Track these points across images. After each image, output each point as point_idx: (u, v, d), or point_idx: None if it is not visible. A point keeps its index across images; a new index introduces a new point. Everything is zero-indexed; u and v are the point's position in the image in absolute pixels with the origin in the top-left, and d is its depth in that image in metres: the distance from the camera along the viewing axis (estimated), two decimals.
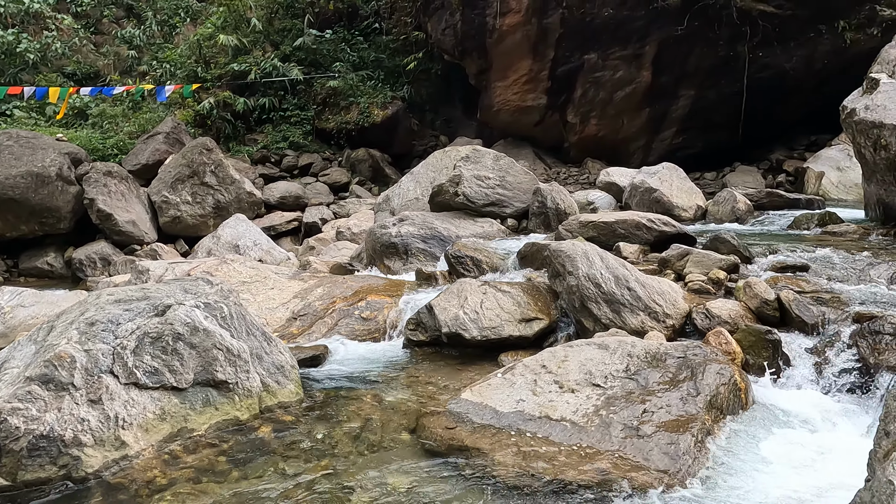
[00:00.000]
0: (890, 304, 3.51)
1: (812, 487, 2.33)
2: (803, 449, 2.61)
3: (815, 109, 12.85)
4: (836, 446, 2.52)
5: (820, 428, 2.75)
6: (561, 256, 3.87)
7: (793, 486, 2.34)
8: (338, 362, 3.68)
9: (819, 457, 2.54)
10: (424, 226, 6.72)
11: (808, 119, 13.68)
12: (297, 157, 15.02)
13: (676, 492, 2.29)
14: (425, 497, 2.29)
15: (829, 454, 2.52)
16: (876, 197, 6.33)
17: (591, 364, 3.02)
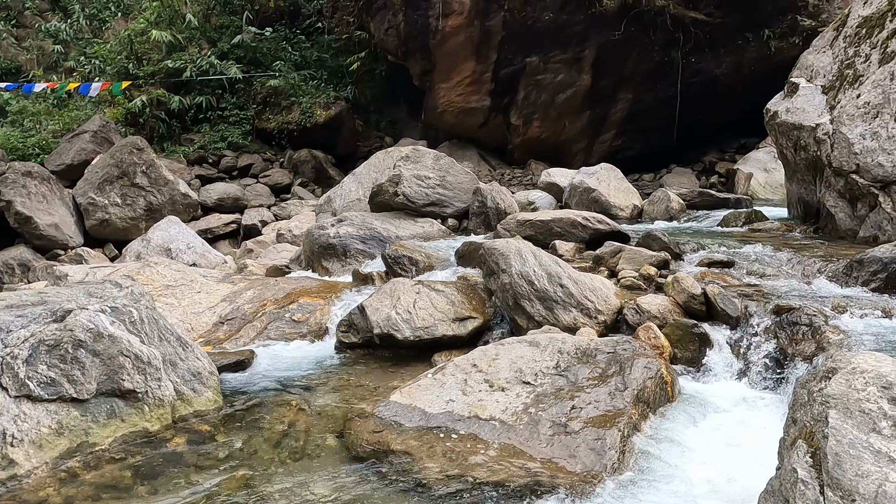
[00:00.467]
0: (807, 297, 3.65)
1: (734, 475, 2.36)
2: (726, 438, 2.66)
3: (744, 113, 13.45)
4: (758, 435, 2.57)
5: (742, 418, 2.80)
6: (494, 254, 3.84)
7: (715, 475, 2.37)
8: (264, 367, 3.53)
9: (741, 445, 2.58)
10: (363, 226, 6.60)
11: (739, 123, 14.32)
12: (236, 158, 14.57)
13: (602, 487, 2.27)
14: (341, 496, 2.19)
15: (750, 443, 2.57)
16: (797, 196, 6.63)
17: (521, 362, 2.99)
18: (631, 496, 2.24)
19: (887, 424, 1.32)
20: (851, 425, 1.33)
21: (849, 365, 1.48)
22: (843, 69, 6.17)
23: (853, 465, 1.24)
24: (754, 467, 2.33)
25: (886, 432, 1.30)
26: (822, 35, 6.95)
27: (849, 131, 5.45)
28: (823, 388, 1.45)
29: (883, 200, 5.07)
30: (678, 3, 12.73)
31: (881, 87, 5.41)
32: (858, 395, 1.38)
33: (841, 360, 1.51)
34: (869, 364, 1.46)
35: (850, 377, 1.44)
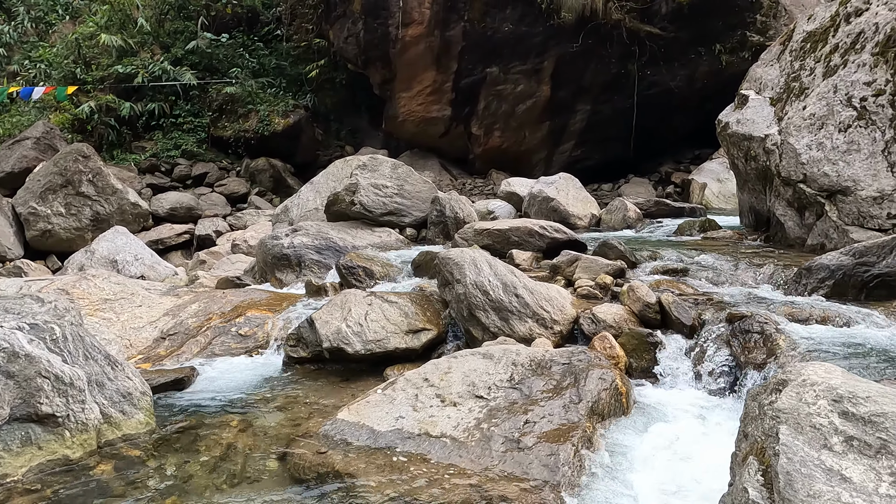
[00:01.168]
0: (759, 305, 3.67)
1: (688, 488, 2.31)
2: (681, 449, 2.61)
3: (698, 125, 13.80)
4: (712, 445, 2.53)
5: (697, 427, 2.77)
6: (449, 264, 3.75)
7: (670, 486, 2.31)
8: (206, 385, 3.34)
9: (695, 456, 2.53)
10: (319, 236, 6.43)
11: (693, 134, 14.68)
12: (190, 167, 14.16)
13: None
14: None
15: (704, 453, 2.52)
16: (748, 205, 6.77)
17: (474, 375, 2.89)
18: None
19: (839, 440, 1.27)
20: (802, 442, 1.27)
21: (799, 377, 1.43)
22: (789, 82, 6.35)
23: (805, 486, 1.19)
24: (709, 479, 2.29)
25: (838, 448, 1.26)
26: (770, 49, 7.16)
27: (796, 142, 5.59)
28: (774, 402, 1.40)
29: (829, 209, 5.20)
30: (634, 17, 13.00)
31: (825, 100, 5.57)
32: (809, 409, 1.33)
33: (791, 372, 1.47)
34: (819, 376, 1.42)
35: (800, 390, 1.40)
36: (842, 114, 5.34)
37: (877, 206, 4.83)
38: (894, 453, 1.18)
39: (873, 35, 5.41)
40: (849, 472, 1.21)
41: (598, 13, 12.82)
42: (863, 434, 1.24)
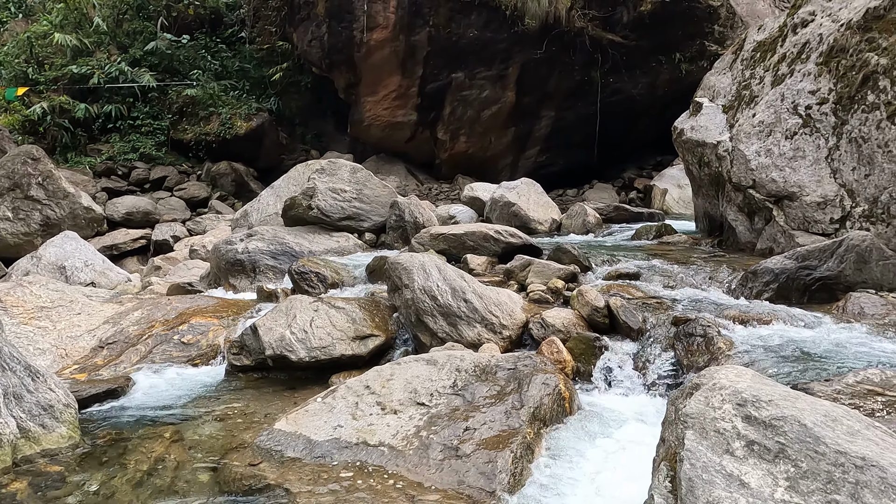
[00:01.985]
0: (705, 308, 3.71)
1: (627, 491, 2.29)
2: (624, 452, 2.60)
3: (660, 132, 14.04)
4: (654, 449, 2.52)
5: (640, 431, 2.76)
6: (398, 269, 3.70)
7: (612, 490, 2.30)
8: (142, 395, 3.21)
9: (637, 461, 2.53)
10: (274, 241, 6.31)
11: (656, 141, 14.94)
12: (148, 170, 13.81)
13: None
14: None
15: (647, 456, 2.52)
16: (703, 210, 6.89)
17: (417, 381, 2.84)
18: None
19: (740, 445, 1.26)
20: (706, 447, 1.26)
21: (710, 381, 1.43)
22: (740, 90, 6.50)
23: (705, 492, 1.17)
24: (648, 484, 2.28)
25: (739, 453, 1.25)
26: (723, 58, 7.32)
27: (746, 148, 5.71)
28: (683, 407, 1.38)
29: (777, 214, 5.31)
30: (596, 25, 13.18)
31: (773, 107, 5.71)
32: (714, 413, 1.32)
33: (705, 376, 1.46)
34: (728, 379, 1.41)
35: (708, 395, 1.39)
36: (788, 121, 5.48)
37: (820, 212, 4.95)
38: (791, 458, 1.18)
39: (818, 45, 5.57)
40: (747, 477, 1.20)
41: (562, 20, 12.97)
42: (763, 438, 1.24)
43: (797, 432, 1.19)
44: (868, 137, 4.74)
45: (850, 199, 4.79)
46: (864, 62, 4.96)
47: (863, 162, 4.75)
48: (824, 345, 3.11)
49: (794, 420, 1.23)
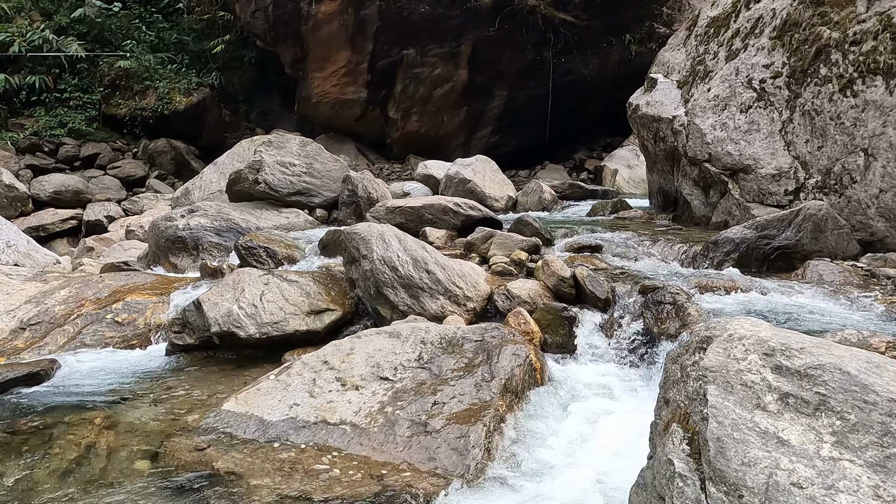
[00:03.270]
0: (670, 278, 3.65)
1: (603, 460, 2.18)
2: (596, 422, 2.50)
3: (610, 113, 14.18)
4: (629, 417, 2.43)
5: (612, 400, 2.67)
6: (355, 239, 3.47)
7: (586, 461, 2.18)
8: (69, 379, 2.88)
9: (611, 431, 2.42)
10: (219, 217, 5.93)
11: (606, 122, 15.08)
12: (78, 147, 12.89)
13: (465, 490, 1.99)
14: None
15: (621, 425, 2.42)
16: (657, 186, 6.92)
17: (380, 355, 2.64)
18: (496, 499, 1.98)
19: (773, 398, 1.14)
20: (734, 402, 1.14)
21: (725, 332, 1.30)
22: (695, 65, 6.52)
23: (738, 452, 1.05)
24: (626, 454, 2.17)
25: (773, 408, 1.12)
26: (677, 34, 7.34)
27: (701, 122, 5.72)
28: (699, 361, 1.25)
29: (732, 187, 5.35)
30: (548, 4, 13.10)
31: (728, 82, 5.73)
32: (739, 365, 1.20)
33: (716, 328, 1.34)
34: (747, 329, 1.29)
35: (727, 346, 1.26)
36: (743, 95, 5.51)
37: (775, 184, 5.01)
38: (835, 410, 1.06)
39: (771, 20, 5.61)
40: (786, 433, 1.08)
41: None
42: (799, 390, 1.12)
43: (840, 381, 1.07)
44: (821, 110, 4.80)
45: (803, 170, 4.85)
46: (816, 36, 5.02)
47: (816, 134, 4.81)
48: (791, 310, 3.10)
49: (833, 368, 1.11)
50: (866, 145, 4.40)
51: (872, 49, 4.53)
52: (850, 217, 4.38)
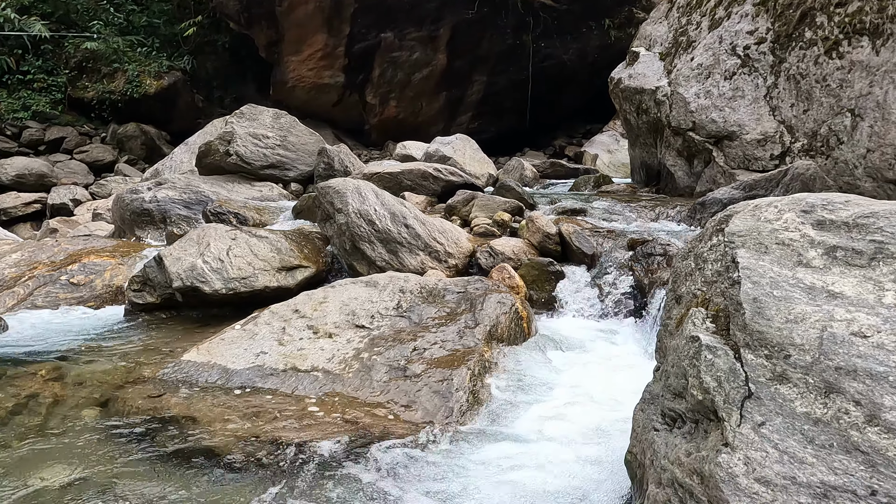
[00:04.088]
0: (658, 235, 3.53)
1: (596, 403, 2.04)
2: (587, 371, 2.35)
3: (589, 100, 14.12)
4: (619, 365, 2.29)
5: (600, 349, 2.53)
6: (329, 193, 3.27)
7: (577, 406, 2.03)
8: (14, 338, 2.65)
9: (602, 376, 2.28)
10: (188, 189, 5.66)
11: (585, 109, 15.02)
12: (43, 130, 12.39)
13: (448, 433, 1.82)
14: (92, 491, 1.52)
15: (612, 373, 2.28)
16: (640, 160, 6.83)
17: (355, 304, 2.46)
18: (482, 441, 1.81)
19: (817, 253, 1.00)
20: (770, 262, 0.99)
21: (748, 205, 1.15)
22: (677, 36, 6.42)
23: (781, 310, 0.90)
24: (620, 397, 2.03)
25: (818, 263, 0.98)
26: (658, 7, 7.25)
27: (685, 91, 5.63)
28: (723, 230, 1.10)
29: (716, 154, 5.26)
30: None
31: (712, 50, 5.64)
32: (773, 225, 1.05)
33: (737, 207, 1.18)
34: (773, 198, 1.14)
35: (756, 211, 1.11)
36: (727, 62, 5.43)
37: (760, 149, 4.93)
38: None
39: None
40: (838, 286, 0.93)
41: None
42: (849, 241, 0.98)
43: None
44: (806, 73, 4.73)
45: (789, 134, 4.77)
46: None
47: (801, 98, 4.74)
48: None
49: (888, 214, 0.97)
50: (853, 106, 4.33)
51: (858, 10, 4.47)
52: (838, 178, 4.31)
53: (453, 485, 1.52)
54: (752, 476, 0.79)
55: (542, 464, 1.57)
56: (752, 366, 0.90)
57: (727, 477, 0.81)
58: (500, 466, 1.61)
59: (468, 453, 1.70)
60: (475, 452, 1.70)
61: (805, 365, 0.87)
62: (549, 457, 1.61)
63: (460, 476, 1.56)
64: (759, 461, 0.80)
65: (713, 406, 0.90)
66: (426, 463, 1.62)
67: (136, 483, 1.53)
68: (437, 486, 1.51)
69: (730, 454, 0.81)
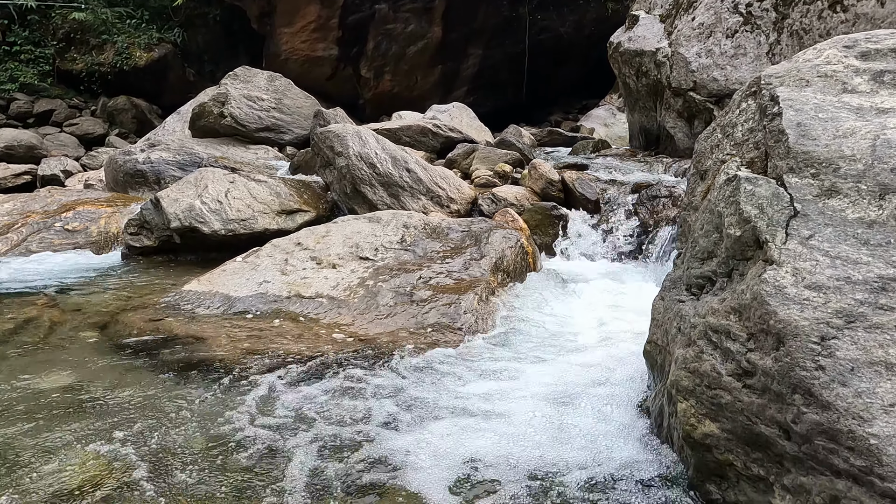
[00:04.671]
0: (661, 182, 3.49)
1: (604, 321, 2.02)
2: (594, 297, 2.34)
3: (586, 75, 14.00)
4: (625, 291, 2.27)
5: (605, 286, 2.50)
6: (329, 138, 3.21)
7: (586, 321, 2.02)
8: (7, 276, 2.59)
9: (609, 300, 2.27)
10: (182, 151, 5.57)
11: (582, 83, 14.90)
12: (31, 103, 12.18)
13: (456, 350, 1.79)
14: (92, 394, 1.48)
15: (617, 297, 2.26)
16: (639, 125, 6.77)
17: (358, 237, 2.42)
18: (488, 360, 1.79)
19: (863, 80, 0.96)
20: (813, 91, 0.96)
21: (777, 68, 1.10)
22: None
23: (828, 129, 0.87)
24: (625, 315, 2.01)
25: (864, 88, 0.95)
26: None
27: (686, 51, 5.56)
28: (754, 92, 1.05)
29: (718, 114, 5.21)
30: None
31: (713, 9, 5.57)
32: (813, 62, 1.02)
33: (764, 70, 1.14)
34: (810, 52, 1.11)
35: (794, 60, 1.08)
36: (729, 20, 5.36)
37: None
38: None
39: None
40: (887, 104, 0.90)
41: None
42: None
43: None
44: (809, 28, 4.67)
45: None
46: None
47: None
48: None
49: None
50: None
51: None
52: None
53: (484, 377, 1.49)
54: (801, 284, 0.76)
55: (556, 360, 1.55)
56: (796, 187, 0.87)
57: (774, 290, 0.78)
58: (520, 361, 1.59)
59: (485, 358, 1.67)
60: (491, 358, 1.67)
61: (857, 173, 0.84)
62: (564, 355, 1.59)
63: (481, 375, 1.54)
64: (808, 270, 0.77)
65: (754, 234, 0.87)
66: (453, 363, 1.59)
67: (135, 389, 1.50)
68: (466, 377, 1.48)
69: (776, 269, 0.79)
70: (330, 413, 1.36)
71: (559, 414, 1.30)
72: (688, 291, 1.06)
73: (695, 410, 0.89)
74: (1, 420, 1.33)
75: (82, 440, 1.24)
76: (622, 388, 1.36)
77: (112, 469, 1.14)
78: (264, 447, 1.22)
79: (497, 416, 1.33)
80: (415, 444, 1.21)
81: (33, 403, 1.41)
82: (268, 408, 1.39)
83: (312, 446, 1.23)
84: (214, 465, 1.16)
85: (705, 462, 0.91)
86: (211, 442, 1.24)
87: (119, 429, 1.28)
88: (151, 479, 1.11)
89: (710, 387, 0.87)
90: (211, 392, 1.47)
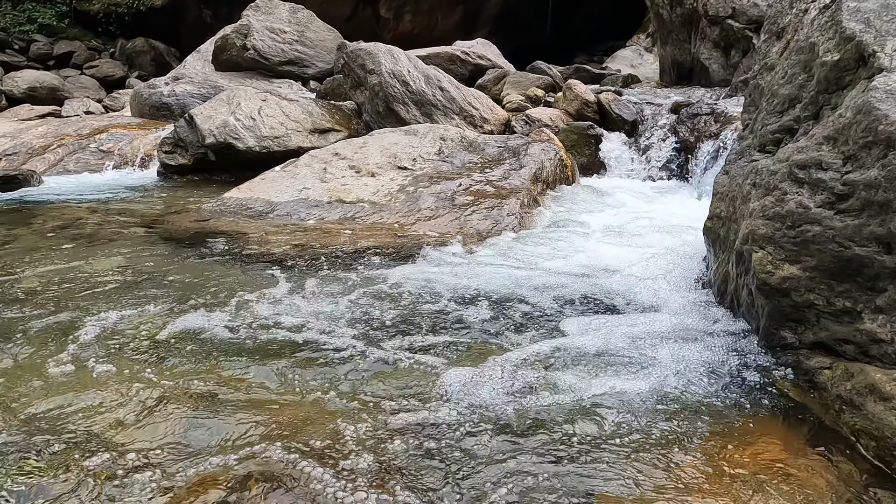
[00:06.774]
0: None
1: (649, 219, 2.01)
2: (636, 202, 2.32)
3: (611, 14, 13.47)
4: (667, 201, 2.24)
5: (647, 201, 2.47)
6: (361, 56, 3.15)
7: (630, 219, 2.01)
8: (52, 188, 2.63)
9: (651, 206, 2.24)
10: (206, 84, 5.53)
11: (606, 26, 14.37)
12: (51, 45, 12.08)
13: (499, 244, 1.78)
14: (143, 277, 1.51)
15: (658, 217, 2.22)
16: (671, 59, 6.54)
17: (395, 148, 2.39)
18: (544, 237, 1.78)
19: None
20: None
21: None
22: None
23: None
24: (668, 219, 1.98)
25: None
26: None
27: None
28: None
29: (756, 42, 5.00)
30: None
31: None
32: None
33: None
34: None
35: None
36: None
37: None
38: None
39: None
40: None
41: None
42: None
43: None
44: None
45: None
46: None
47: None
48: None
49: None
50: None
51: None
52: None
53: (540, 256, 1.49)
54: None
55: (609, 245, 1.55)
56: None
57: (885, 95, 0.75)
58: (570, 247, 1.59)
59: (540, 240, 1.67)
60: (540, 242, 1.68)
61: None
62: (616, 243, 1.59)
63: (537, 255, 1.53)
64: None
65: (858, 51, 0.83)
66: (509, 245, 1.60)
67: (185, 274, 1.52)
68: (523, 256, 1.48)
69: (886, 76, 0.76)
70: (410, 284, 1.38)
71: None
72: (761, 151, 1.03)
73: (772, 257, 0.88)
74: (66, 289, 1.36)
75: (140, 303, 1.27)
76: (679, 268, 1.35)
77: (170, 321, 1.17)
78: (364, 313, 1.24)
79: None
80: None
81: (93, 280, 1.44)
82: (358, 285, 1.41)
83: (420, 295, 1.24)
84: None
85: (780, 309, 0.90)
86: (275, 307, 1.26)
87: (190, 298, 1.31)
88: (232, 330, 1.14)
89: (794, 225, 0.85)
90: (253, 276, 1.49)
